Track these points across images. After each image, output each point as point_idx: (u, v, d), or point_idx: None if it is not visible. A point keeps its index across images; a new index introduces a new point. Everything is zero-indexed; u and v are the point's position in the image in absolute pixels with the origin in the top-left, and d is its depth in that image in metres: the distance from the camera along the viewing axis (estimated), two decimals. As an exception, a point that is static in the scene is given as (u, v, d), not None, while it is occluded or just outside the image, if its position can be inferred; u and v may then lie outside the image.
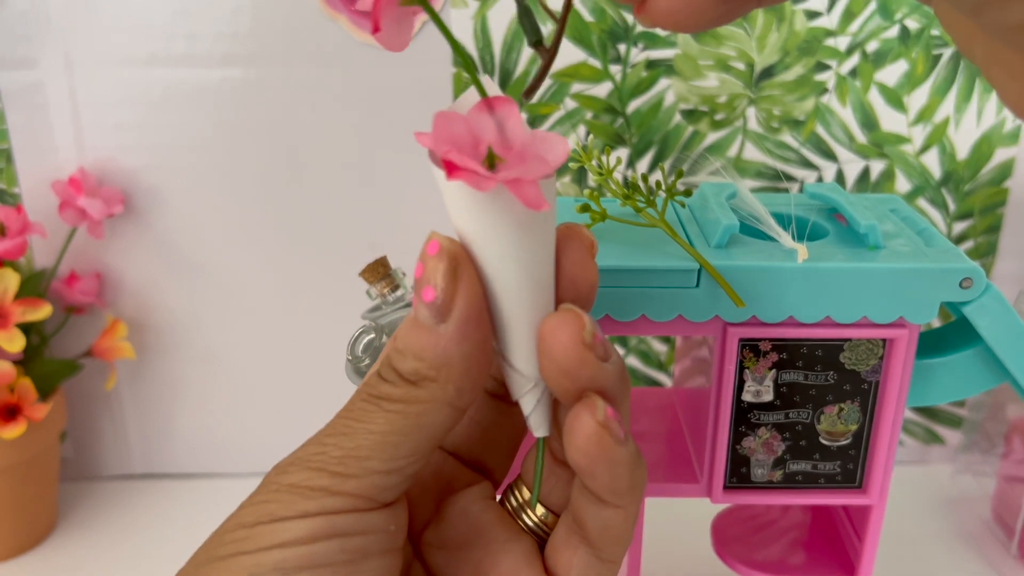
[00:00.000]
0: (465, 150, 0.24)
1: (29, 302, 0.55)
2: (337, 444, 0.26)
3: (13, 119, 0.58)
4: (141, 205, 0.60)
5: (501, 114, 0.24)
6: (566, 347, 0.26)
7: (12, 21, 0.56)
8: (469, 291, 0.26)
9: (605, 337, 0.27)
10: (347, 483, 0.26)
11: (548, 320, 0.26)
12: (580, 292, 0.27)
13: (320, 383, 0.63)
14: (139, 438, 0.66)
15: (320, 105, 0.58)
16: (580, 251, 0.27)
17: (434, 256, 0.26)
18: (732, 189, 0.40)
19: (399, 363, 0.26)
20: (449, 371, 0.26)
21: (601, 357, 0.26)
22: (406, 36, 0.26)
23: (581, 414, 0.26)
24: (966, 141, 0.60)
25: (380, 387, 0.27)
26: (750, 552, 0.44)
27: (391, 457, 0.26)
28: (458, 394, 0.26)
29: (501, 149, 0.24)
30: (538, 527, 0.30)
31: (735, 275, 0.34)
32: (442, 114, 0.24)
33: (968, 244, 0.62)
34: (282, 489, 0.26)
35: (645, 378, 0.66)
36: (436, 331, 0.26)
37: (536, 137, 0.24)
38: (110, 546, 0.60)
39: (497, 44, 0.57)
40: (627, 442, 0.27)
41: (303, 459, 0.26)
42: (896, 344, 0.36)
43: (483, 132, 0.24)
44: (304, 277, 0.62)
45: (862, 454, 0.38)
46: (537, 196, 0.24)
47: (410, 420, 0.26)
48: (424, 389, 0.26)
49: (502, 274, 0.26)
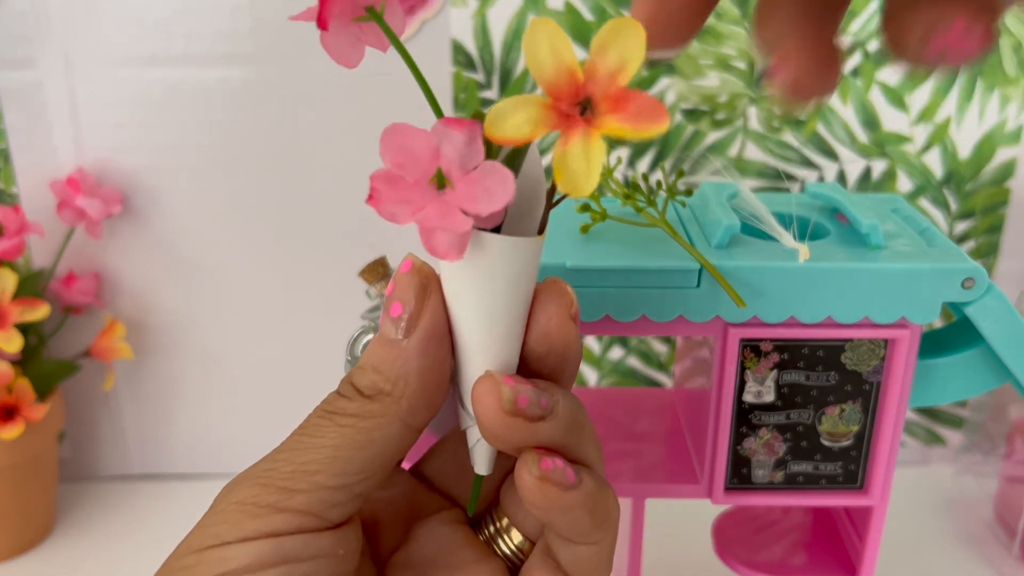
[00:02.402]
0: (411, 164, 0.24)
1: (27, 302, 0.55)
2: (288, 459, 0.26)
3: (12, 119, 0.58)
4: (140, 205, 0.60)
5: (467, 135, 0.24)
6: (490, 415, 0.26)
7: (11, 21, 0.55)
8: (435, 310, 0.26)
9: (540, 393, 0.27)
10: (294, 498, 0.25)
11: (474, 386, 0.27)
12: (553, 347, 0.27)
13: (319, 384, 0.63)
14: (137, 438, 0.66)
15: (319, 105, 0.58)
16: (557, 307, 0.27)
17: (406, 274, 0.27)
18: (733, 189, 0.39)
19: (357, 378, 0.27)
20: (405, 385, 0.26)
21: (533, 418, 0.26)
22: (358, 53, 0.26)
23: (520, 470, 0.26)
24: (968, 141, 0.59)
25: (336, 403, 0.27)
26: (751, 553, 0.44)
27: (341, 472, 0.26)
28: (411, 411, 0.26)
29: (456, 172, 0.24)
30: (514, 555, 0.30)
31: (736, 275, 0.34)
32: (405, 128, 0.24)
33: (970, 244, 0.62)
34: (229, 508, 0.26)
35: (645, 378, 0.66)
36: (399, 345, 0.26)
37: (490, 168, 0.24)
38: (108, 547, 0.60)
39: (497, 43, 0.57)
40: (579, 484, 0.26)
41: (252, 476, 0.26)
42: (898, 344, 0.36)
43: (444, 149, 0.24)
44: (303, 277, 0.62)
45: (863, 455, 0.38)
46: (446, 249, 0.24)
47: (362, 435, 0.26)
48: (378, 403, 0.26)
49: (461, 312, 0.27)
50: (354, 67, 0.26)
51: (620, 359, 0.66)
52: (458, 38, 0.57)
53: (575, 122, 0.24)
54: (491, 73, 0.57)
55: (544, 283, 0.28)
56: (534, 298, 0.27)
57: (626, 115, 0.24)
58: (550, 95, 0.24)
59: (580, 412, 0.28)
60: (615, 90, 0.24)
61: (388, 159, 0.24)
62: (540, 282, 0.28)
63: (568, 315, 0.27)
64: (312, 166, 0.59)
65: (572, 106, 0.24)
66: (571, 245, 0.36)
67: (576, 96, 0.24)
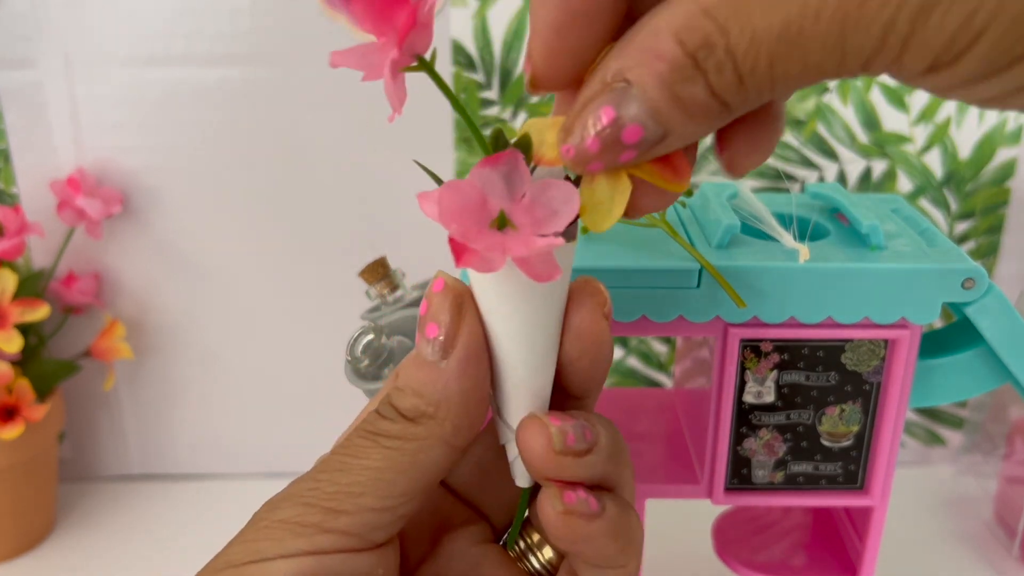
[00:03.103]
0: (472, 216, 0.24)
1: (27, 302, 0.55)
2: (331, 480, 0.26)
3: (12, 119, 0.58)
4: (139, 205, 0.60)
5: (507, 167, 0.24)
6: (541, 457, 0.26)
7: (11, 21, 0.55)
8: (471, 329, 0.26)
9: (584, 426, 0.27)
10: (339, 520, 0.25)
11: (520, 428, 0.27)
12: (586, 349, 0.27)
13: (319, 384, 0.63)
14: (137, 439, 0.66)
15: (319, 105, 0.58)
16: (591, 308, 0.27)
17: (439, 293, 0.26)
18: (733, 189, 0.39)
19: (398, 400, 0.27)
20: (448, 408, 0.26)
21: (580, 453, 0.26)
22: (403, 94, 0.26)
23: (543, 505, 0.26)
24: (968, 141, 0.59)
25: (378, 424, 0.27)
26: (751, 554, 0.44)
27: (386, 495, 0.26)
28: (455, 432, 0.26)
29: (509, 205, 0.24)
30: (544, 569, 0.30)
31: (736, 275, 0.34)
32: (449, 186, 0.24)
33: (970, 244, 0.62)
34: (272, 526, 0.25)
35: (645, 379, 0.66)
36: (437, 368, 0.26)
37: (543, 186, 0.24)
38: (108, 547, 0.60)
39: (497, 43, 0.57)
40: (603, 512, 0.27)
41: (295, 494, 0.26)
42: (898, 345, 0.36)
43: (491, 191, 0.24)
44: (303, 277, 0.62)
45: (863, 455, 0.38)
46: (546, 271, 0.24)
47: (407, 457, 0.26)
48: (422, 426, 0.26)
49: (498, 327, 0.27)
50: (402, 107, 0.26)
51: (620, 359, 0.66)
52: (458, 38, 0.57)
53: None
54: (491, 73, 0.57)
55: (576, 282, 0.28)
56: (568, 300, 0.27)
57: (655, 161, 0.24)
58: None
59: (619, 437, 0.28)
60: None
61: (451, 225, 0.24)
62: (573, 281, 0.28)
63: (601, 314, 0.27)
64: (312, 166, 0.59)
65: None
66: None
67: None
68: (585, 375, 0.28)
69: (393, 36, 0.24)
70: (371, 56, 0.25)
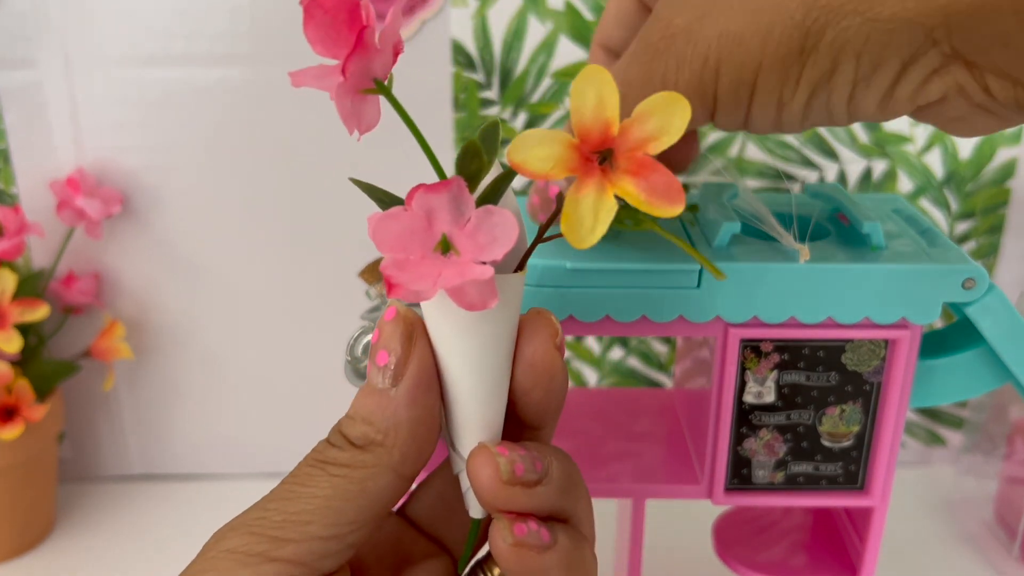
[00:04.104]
0: (416, 241, 0.24)
1: (27, 302, 0.55)
2: (279, 508, 0.26)
3: (11, 119, 0.58)
4: (139, 205, 0.60)
5: (453, 192, 0.24)
6: (488, 487, 0.26)
7: (11, 21, 0.55)
8: (421, 357, 0.26)
9: (534, 457, 0.27)
10: (285, 548, 0.25)
11: (470, 458, 0.27)
12: (539, 380, 0.27)
13: (319, 384, 0.63)
14: (137, 439, 0.66)
15: (319, 105, 0.57)
16: (543, 339, 0.27)
17: (390, 322, 0.27)
18: (733, 189, 0.39)
19: (348, 428, 0.27)
20: (396, 435, 0.26)
21: (530, 484, 0.26)
22: (373, 118, 0.26)
23: (494, 538, 0.26)
24: (968, 141, 0.59)
25: (327, 452, 0.27)
26: (751, 554, 0.44)
27: (333, 523, 0.26)
28: (403, 460, 0.26)
29: (454, 229, 0.24)
30: None
31: (736, 275, 0.34)
32: (386, 215, 0.24)
33: (970, 244, 0.62)
34: (219, 556, 0.25)
35: (645, 379, 0.66)
36: (387, 395, 0.26)
37: (486, 212, 0.24)
38: (108, 547, 0.60)
39: (497, 43, 0.57)
40: (555, 544, 0.26)
41: (243, 524, 0.26)
42: (898, 345, 0.36)
43: (436, 216, 0.24)
44: (303, 277, 0.62)
45: (864, 455, 0.38)
46: (480, 299, 0.24)
47: (354, 485, 0.26)
48: (370, 453, 0.26)
49: (448, 356, 0.27)
50: (367, 132, 0.26)
51: (620, 359, 0.66)
52: (458, 38, 0.57)
53: (593, 170, 0.24)
54: (491, 73, 0.57)
55: (528, 314, 0.28)
56: (519, 331, 0.27)
57: (644, 184, 0.24)
58: (579, 137, 0.24)
59: (573, 469, 0.28)
60: (641, 156, 0.24)
61: (386, 250, 0.24)
62: (523, 314, 0.28)
63: (553, 345, 0.27)
64: (312, 166, 0.59)
65: (594, 153, 0.24)
66: (571, 246, 0.36)
67: (602, 145, 0.24)
68: (539, 406, 0.28)
69: (343, 61, 0.24)
70: (327, 77, 0.25)
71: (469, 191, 0.24)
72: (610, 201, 0.24)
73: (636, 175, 0.24)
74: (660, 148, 0.24)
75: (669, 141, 0.24)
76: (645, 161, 0.24)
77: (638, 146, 0.24)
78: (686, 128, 0.24)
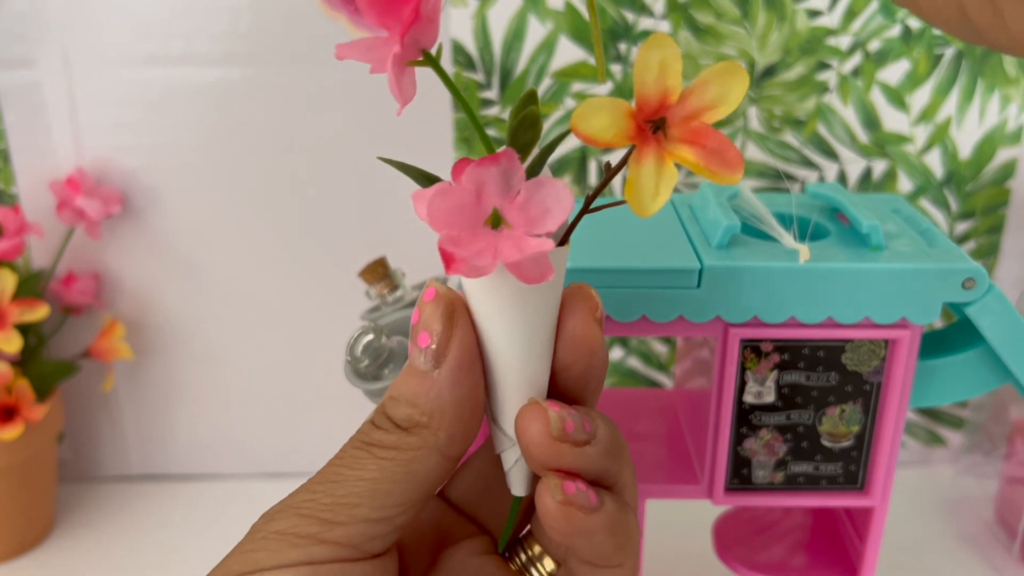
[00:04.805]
0: (466, 217, 0.24)
1: (26, 303, 0.55)
2: (327, 491, 0.26)
3: (11, 119, 0.58)
4: (139, 205, 0.60)
5: (504, 165, 0.24)
6: (537, 441, 0.26)
7: (10, 21, 0.55)
8: (464, 337, 0.26)
9: (583, 418, 0.27)
10: (335, 531, 0.25)
11: (519, 414, 0.26)
12: (579, 354, 0.27)
13: (319, 384, 0.63)
14: (137, 439, 0.66)
15: (319, 105, 0.58)
16: (583, 313, 0.27)
17: (430, 302, 0.26)
18: (733, 189, 0.39)
19: (392, 410, 0.27)
20: (442, 417, 0.26)
21: (579, 443, 0.26)
22: (412, 91, 0.26)
23: (542, 495, 0.26)
24: (968, 141, 0.59)
25: (372, 434, 0.27)
26: (751, 554, 0.44)
27: (381, 505, 0.26)
28: (449, 441, 0.26)
29: (504, 202, 0.24)
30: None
31: (736, 275, 0.34)
32: (439, 190, 0.23)
33: (970, 244, 0.62)
34: (269, 537, 0.25)
35: (646, 379, 0.66)
36: (430, 376, 0.26)
37: (537, 184, 0.24)
38: (108, 547, 0.60)
39: (497, 43, 0.57)
40: (602, 507, 0.26)
41: (292, 506, 0.26)
42: (898, 345, 0.36)
43: (487, 189, 0.24)
44: (303, 277, 0.62)
45: (864, 456, 0.38)
46: (537, 273, 0.24)
47: (401, 467, 0.26)
48: (416, 436, 0.26)
49: (492, 332, 0.26)
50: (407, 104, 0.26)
51: (620, 359, 0.66)
52: (458, 38, 0.57)
53: (648, 139, 0.24)
54: (491, 73, 0.57)
55: (569, 288, 0.28)
56: (560, 306, 0.27)
57: (702, 151, 0.24)
58: (638, 104, 0.24)
59: (619, 436, 0.28)
60: (697, 124, 0.24)
61: (440, 227, 0.24)
62: (565, 287, 0.28)
63: (594, 319, 0.27)
64: (312, 166, 0.59)
65: (647, 122, 0.24)
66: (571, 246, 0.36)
67: (657, 113, 0.24)
68: (580, 381, 0.28)
69: (397, 30, 0.24)
70: (376, 50, 0.25)
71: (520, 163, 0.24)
72: (671, 168, 0.24)
73: (692, 143, 0.24)
74: (717, 117, 0.24)
75: (727, 110, 0.24)
76: (700, 128, 0.24)
77: (695, 114, 0.24)
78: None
